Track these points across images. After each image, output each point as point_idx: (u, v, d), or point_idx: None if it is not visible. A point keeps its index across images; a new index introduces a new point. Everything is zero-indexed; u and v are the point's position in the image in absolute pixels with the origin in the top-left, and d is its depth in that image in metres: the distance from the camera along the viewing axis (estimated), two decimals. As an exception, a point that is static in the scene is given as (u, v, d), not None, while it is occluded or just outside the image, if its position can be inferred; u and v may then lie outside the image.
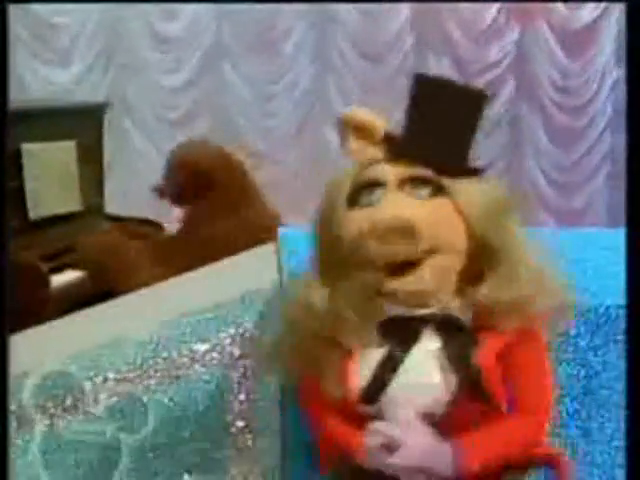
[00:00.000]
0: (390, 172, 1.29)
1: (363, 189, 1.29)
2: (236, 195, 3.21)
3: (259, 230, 2.74)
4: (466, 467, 1.28)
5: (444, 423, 1.29)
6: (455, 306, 1.31)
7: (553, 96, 6.14)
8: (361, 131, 1.30)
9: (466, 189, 1.29)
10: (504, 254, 1.29)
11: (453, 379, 1.28)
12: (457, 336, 1.29)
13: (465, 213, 1.28)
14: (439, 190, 1.28)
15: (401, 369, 1.30)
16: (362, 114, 1.31)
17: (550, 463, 1.45)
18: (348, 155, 1.32)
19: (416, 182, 1.28)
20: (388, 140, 1.30)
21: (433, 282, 1.28)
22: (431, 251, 1.26)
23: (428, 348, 1.30)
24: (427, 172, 1.28)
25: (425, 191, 1.27)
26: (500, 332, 1.29)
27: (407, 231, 1.23)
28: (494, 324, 1.29)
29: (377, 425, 1.29)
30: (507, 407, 1.32)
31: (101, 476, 1.62)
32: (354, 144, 1.30)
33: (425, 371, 1.30)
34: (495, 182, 1.35)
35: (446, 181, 1.28)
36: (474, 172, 1.31)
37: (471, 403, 1.28)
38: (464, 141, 1.29)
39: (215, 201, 3.18)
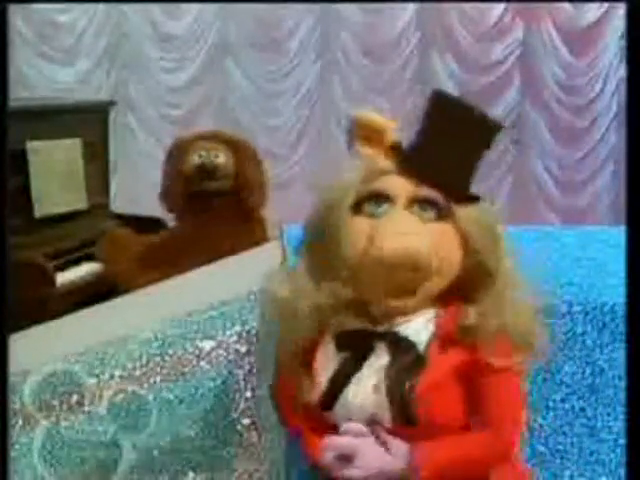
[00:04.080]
0: (401, 188, 1.28)
1: (370, 199, 1.29)
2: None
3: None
4: (417, 471, 1.26)
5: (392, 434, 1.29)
6: (418, 321, 1.31)
7: (558, 95, 6.13)
8: (371, 135, 1.29)
9: (468, 215, 1.29)
10: (497, 280, 1.29)
11: (385, 401, 1.28)
12: (403, 357, 1.29)
13: (467, 239, 1.28)
14: (444, 214, 1.28)
15: (354, 379, 1.31)
16: (375, 118, 1.30)
17: None
18: (360, 157, 1.30)
19: (424, 203, 1.28)
20: (396, 151, 1.29)
21: (420, 303, 1.30)
22: (429, 276, 1.27)
23: (377, 364, 1.31)
24: (436, 194, 1.28)
25: (431, 213, 1.28)
26: (466, 346, 1.28)
27: (413, 266, 1.23)
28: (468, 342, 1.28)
29: (329, 440, 1.29)
30: (473, 421, 1.30)
31: (106, 474, 1.62)
32: (365, 149, 1.29)
33: (366, 387, 1.30)
34: (491, 208, 1.35)
35: (451, 205, 1.29)
36: (475, 199, 1.30)
37: (401, 425, 1.28)
38: (471, 167, 1.28)
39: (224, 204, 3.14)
